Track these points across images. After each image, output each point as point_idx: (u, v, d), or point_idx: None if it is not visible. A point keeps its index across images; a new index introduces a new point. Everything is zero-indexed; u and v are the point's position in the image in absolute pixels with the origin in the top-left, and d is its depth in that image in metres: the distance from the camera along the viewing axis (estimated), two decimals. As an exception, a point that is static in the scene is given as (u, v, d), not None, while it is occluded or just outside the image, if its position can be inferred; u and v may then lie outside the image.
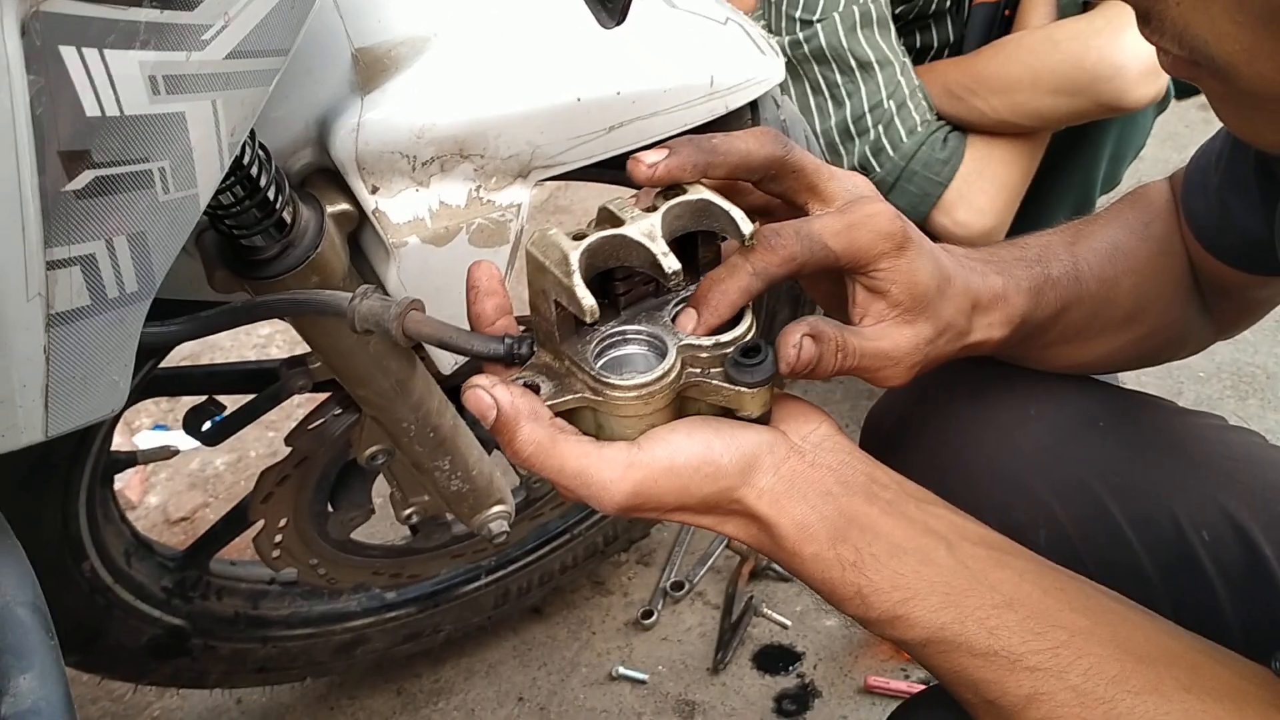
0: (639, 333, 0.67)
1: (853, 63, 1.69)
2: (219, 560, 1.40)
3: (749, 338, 0.65)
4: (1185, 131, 2.92)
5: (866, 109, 1.71)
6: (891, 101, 1.70)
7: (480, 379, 0.64)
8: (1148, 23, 0.58)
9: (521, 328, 0.70)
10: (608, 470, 0.62)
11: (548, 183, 1.06)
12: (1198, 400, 2.11)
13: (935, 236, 1.75)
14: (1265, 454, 0.91)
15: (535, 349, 0.67)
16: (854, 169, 1.74)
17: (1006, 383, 0.95)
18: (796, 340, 0.67)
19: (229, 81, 0.60)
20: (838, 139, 1.74)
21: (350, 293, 0.75)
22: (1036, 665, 0.61)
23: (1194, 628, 0.77)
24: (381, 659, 1.60)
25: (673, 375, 0.63)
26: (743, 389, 0.64)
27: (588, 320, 0.61)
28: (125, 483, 2.03)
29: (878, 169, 1.73)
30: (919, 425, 0.97)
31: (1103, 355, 0.92)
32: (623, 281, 0.68)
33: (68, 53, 0.50)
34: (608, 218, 0.66)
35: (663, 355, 0.65)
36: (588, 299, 0.61)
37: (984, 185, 1.72)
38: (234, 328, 0.85)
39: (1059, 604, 0.64)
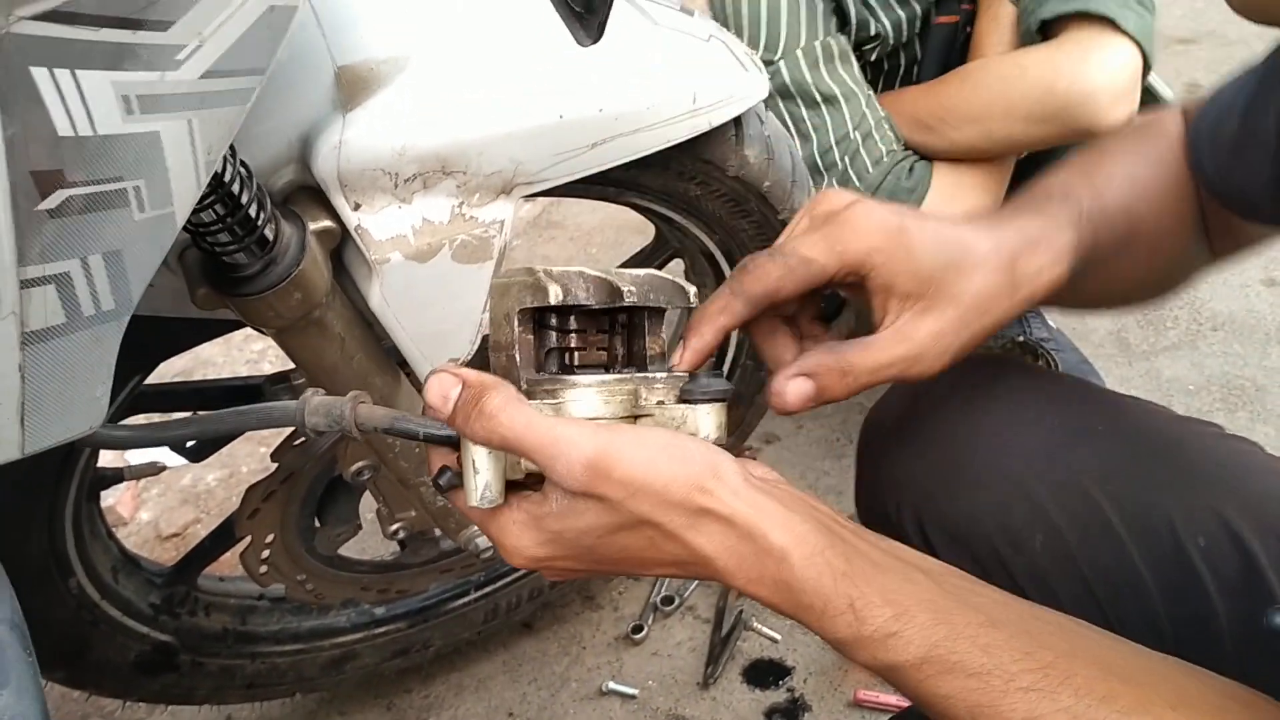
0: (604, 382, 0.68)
1: (817, 97, 1.69)
2: (207, 576, 1.40)
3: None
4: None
5: (833, 142, 1.71)
6: (857, 133, 1.70)
7: (444, 365, 0.64)
8: None
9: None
10: (575, 429, 0.61)
11: (539, 199, 1.07)
12: (1187, 413, 2.11)
13: None
14: (1262, 462, 0.91)
15: None
16: None
17: (1005, 385, 0.95)
18: (781, 387, 0.69)
19: (204, 101, 0.60)
20: (807, 174, 1.74)
21: (294, 400, 0.73)
22: (1030, 686, 0.59)
23: (1187, 635, 0.77)
24: (371, 674, 1.60)
25: (630, 384, 0.64)
26: (693, 404, 0.66)
27: (551, 300, 0.63)
28: (117, 499, 2.03)
29: None
30: (918, 426, 0.97)
31: (1128, 289, 0.92)
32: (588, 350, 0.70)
33: (39, 73, 0.50)
34: None
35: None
36: (552, 285, 0.63)
37: (954, 212, 1.73)
38: (182, 441, 0.83)
39: (1040, 626, 0.63)
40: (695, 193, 1.19)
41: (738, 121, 1.15)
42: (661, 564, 0.64)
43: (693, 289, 0.69)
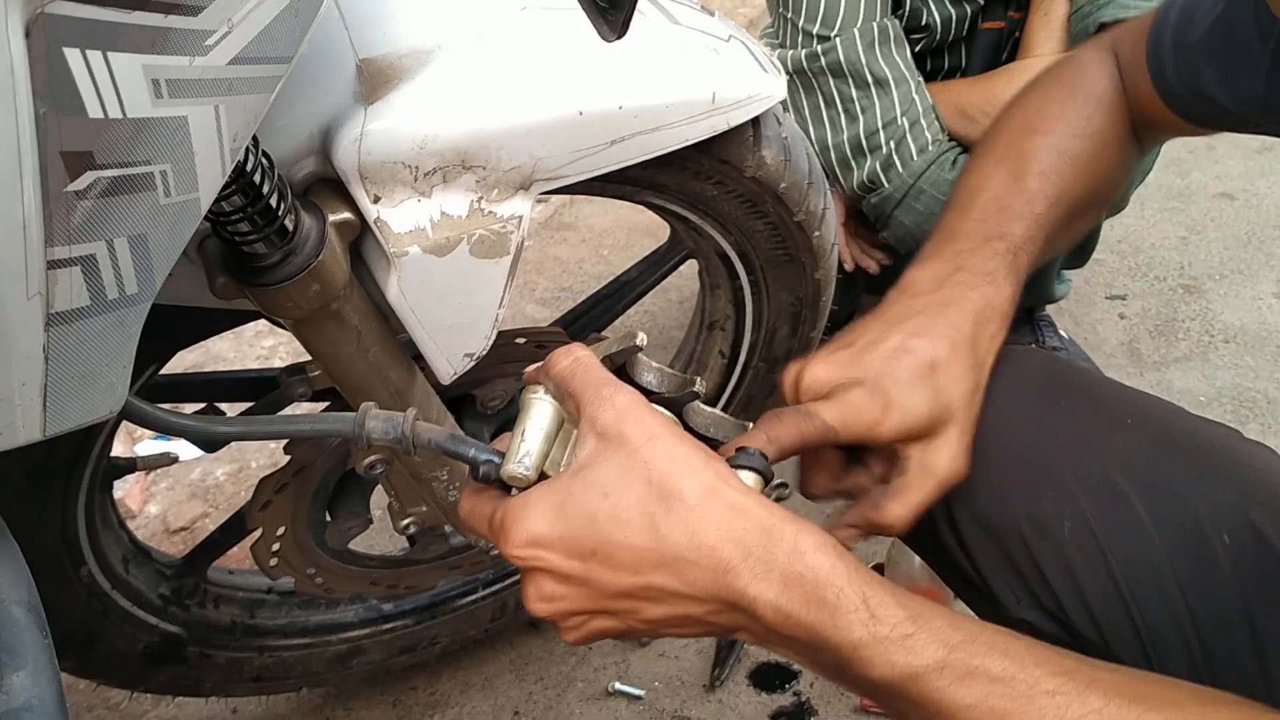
0: None
1: (869, 78, 1.70)
2: (216, 569, 1.40)
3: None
4: (1189, 157, 2.93)
5: (880, 125, 1.72)
6: (905, 119, 1.71)
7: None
8: None
9: None
10: (629, 389, 0.66)
11: (552, 200, 1.08)
12: (1199, 425, 2.10)
13: None
14: None
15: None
16: (862, 184, 1.76)
17: (1036, 374, 0.96)
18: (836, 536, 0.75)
19: (232, 87, 0.61)
20: (849, 153, 1.75)
21: (351, 413, 0.78)
22: (1055, 689, 0.58)
23: (1207, 629, 0.78)
24: (378, 671, 1.60)
25: None
26: (739, 468, 0.70)
27: (636, 341, 0.72)
28: (126, 491, 2.03)
29: (886, 185, 1.74)
30: None
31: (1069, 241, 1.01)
32: None
33: (71, 55, 0.50)
34: None
35: None
36: (641, 335, 0.73)
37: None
38: (230, 440, 0.88)
39: (1049, 649, 0.62)
40: (712, 193, 1.19)
41: (756, 122, 1.15)
42: (659, 565, 0.62)
43: (750, 424, 0.80)
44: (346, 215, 0.92)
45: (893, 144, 1.72)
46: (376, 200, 0.91)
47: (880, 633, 0.59)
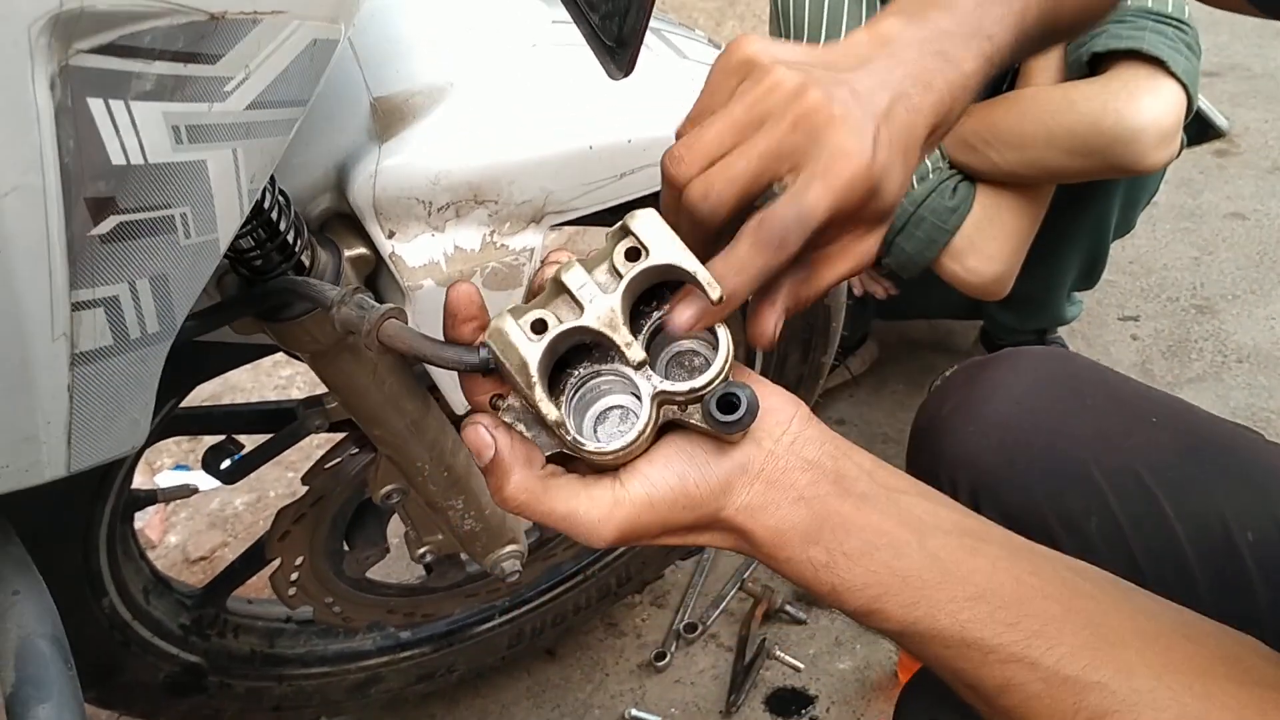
0: (613, 376, 0.64)
1: None
2: (236, 598, 1.42)
3: (722, 381, 0.62)
4: (1200, 178, 2.93)
5: None
6: None
7: (481, 416, 0.64)
8: None
9: None
10: (595, 512, 0.63)
11: (565, 229, 1.09)
12: (1213, 445, 2.10)
13: (946, 282, 1.77)
14: None
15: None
16: None
17: (1062, 371, 0.97)
18: (771, 330, 0.69)
19: (249, 131, 0.62)
20: None
21: (339, 289, 0.72)
22: (1010, 656, 0.62)
23: (1231, 626, 0.78)
24: (396, 698, 1.61)
25: (649, 430, 0.62)
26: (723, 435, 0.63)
27: (553, 424, 0.61)
28: (146, 522, 2.05)
29: None
30: (979, 409, 0.98)
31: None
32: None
33: (95, 104, 0.52)
34: (560, 291, 0.63)
35: (638, 397, 0.63)
36: (552, 413, 0.61)
37: (993, 233, 1.74)
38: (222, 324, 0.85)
39: (1032, 592, 0.64)
40: (721, 222, 1.21)
41: (764, 153, 1.16)
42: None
43: (717, 291, 0.62)
44: (362, 250, 0.93)
45: None
46: (391, 235, 0.92)
47: (847, 609, 0.65)
